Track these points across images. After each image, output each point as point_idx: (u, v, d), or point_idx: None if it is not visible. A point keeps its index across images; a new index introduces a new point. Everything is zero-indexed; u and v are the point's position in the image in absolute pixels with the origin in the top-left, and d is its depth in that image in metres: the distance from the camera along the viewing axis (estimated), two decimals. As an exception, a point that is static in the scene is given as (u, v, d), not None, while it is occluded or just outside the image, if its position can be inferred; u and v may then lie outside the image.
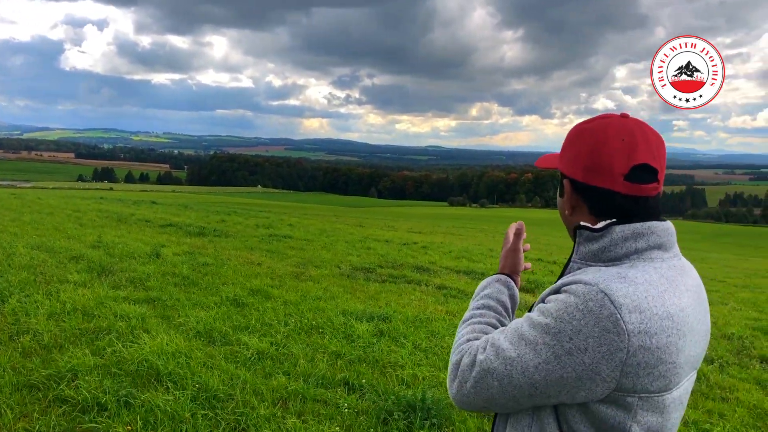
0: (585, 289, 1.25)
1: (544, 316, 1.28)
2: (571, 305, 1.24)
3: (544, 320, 1.27)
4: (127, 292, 7.37)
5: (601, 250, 1.33)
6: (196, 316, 6.43)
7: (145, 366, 4.71)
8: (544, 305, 1.31)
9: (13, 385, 4.26)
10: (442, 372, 5.33)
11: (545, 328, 1.26)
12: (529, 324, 1.30)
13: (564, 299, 1.26)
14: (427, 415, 4.26)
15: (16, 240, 10.90)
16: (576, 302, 1.24)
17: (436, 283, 10.34)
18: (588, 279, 1.27)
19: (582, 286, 1.26)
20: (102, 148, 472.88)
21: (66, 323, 5.77)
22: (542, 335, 1.26)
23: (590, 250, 1.35)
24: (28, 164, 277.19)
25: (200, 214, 23.56)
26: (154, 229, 16.15)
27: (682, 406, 1.35)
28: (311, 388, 4.66)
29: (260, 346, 5.55)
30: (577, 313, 1.22)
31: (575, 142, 1.40)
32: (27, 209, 19.18)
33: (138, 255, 10.21)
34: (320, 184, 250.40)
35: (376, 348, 5.84)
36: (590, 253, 1.35)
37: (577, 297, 1.24)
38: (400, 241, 18.92)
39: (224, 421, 3.95)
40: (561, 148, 1.45)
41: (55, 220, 15.95)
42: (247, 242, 14.41)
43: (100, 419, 3.80)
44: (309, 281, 9.44)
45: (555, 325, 1.24)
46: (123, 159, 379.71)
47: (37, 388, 4.26)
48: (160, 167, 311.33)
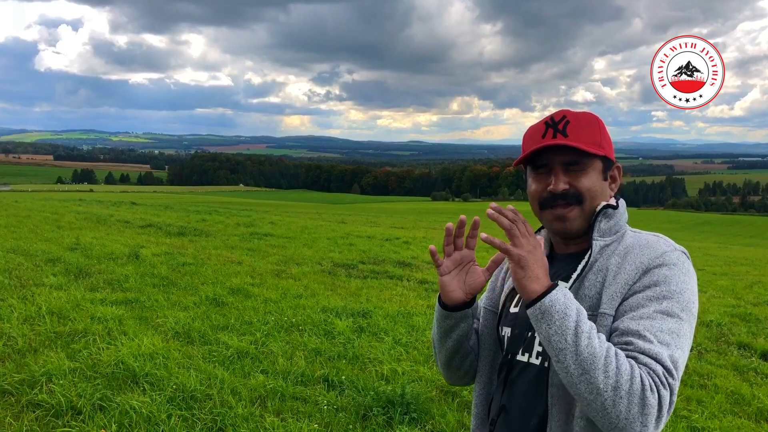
0: (674, 256, 1.41)
1: (667, 299, 1.34)
2: (678, 274, 1.37)
3: (673, 302, 1.33)
4: (105, 294, 7.28)
5: (615, 223, 1.50)
6: (175, 316, 6.37)
7: (122, 368, 4.65)
8: (658, 289, 1.35)
9: (-14, 391, 4.18)
10: (422, 366, 5.33)
11: (679, 306, 1.34)
12: (663, 316, 1.32)
13: (669, 273, 1.37)
14: (406, 409, 4.25)
15: (-9, 244, 10.72)
16: (679, 270, 1.38)
17: (418, 278, 10.35)
18: (665, 246, 1.43)
19: (669, 254, 1.40)
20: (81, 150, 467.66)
21: (41, 327, 5.67)
22: (680, 315, 1.33)
23: (609, 225, 1.50)
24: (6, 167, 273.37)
25: (181, 214, 23.37)
26: (134, 230, 15.99)
27: None
28: (290, 385, 4.63)
29: (240, 345, 5.51)
30: (686, 277, 1.38)
31: (603, 130, 1.53)
32: (3, 212, 18.88)
33: (116, 256, 10.09)
34: (302, 182, 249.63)
35: (356, 344, 5.82)
36: (608, 228, 1.50)
37: (676, 266, 1.38)
38: (382, 236, 18.91)
39: (201, 421, 3.91)
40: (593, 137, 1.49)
41: (32, 223, 15.72)
42: (227, 241, 14.31)
43: (74, 423, 3.74)
44: (290, 279, 9.40)
45: (683, 298, 1.35)
46: (103, 160, 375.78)
47: (10, 394, 4.18)
48: (141, 168, 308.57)
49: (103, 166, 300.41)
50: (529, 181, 1.56)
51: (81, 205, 26.27)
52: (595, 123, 1.50)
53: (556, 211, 1.48)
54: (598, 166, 1.50)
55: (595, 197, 1.49)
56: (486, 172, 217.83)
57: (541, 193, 1.50)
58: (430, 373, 5.14)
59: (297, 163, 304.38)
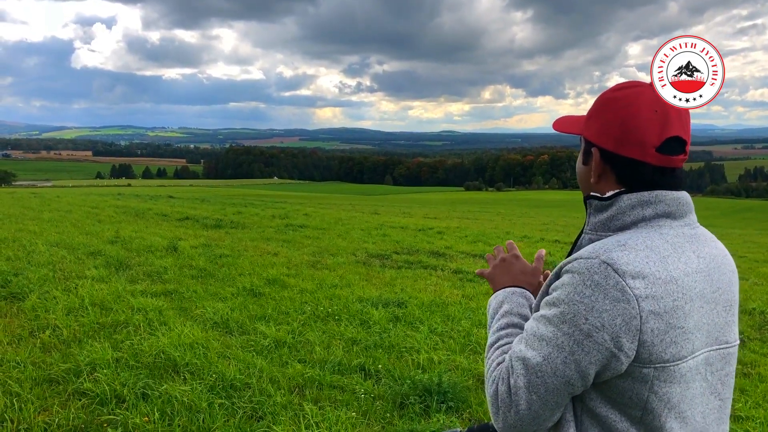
0: (586, 264, 1.24)
1: (555, 306, 1.26)
2: (577, 284, 1.23)
3: (557, 310, 1.25)
4: (144, 286, 7.44)
5: (609, 218, 1.34)
6: (213, 307, 6.47)
7: (163, 358, 4.75)
8: (551, 296, 1.29)
9: (34, 379, 4.31)
10: (458, 355, 5.32)
11: (560, 317, 1.24)
12: (544, 321, 1.27)
13: (568, 281, 1.25)
14: (443, 398, 4.25)
15: (36, 238, 11.03)
16: (581, 280, 1.23)
17: (452, 268, 10.31)
18: (586, 253, 1.26)
19: (582, 261, 1.25)
20: (119, 145, 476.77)
21: (84, 318, 5.83)
22: (559, 326, 1.24)
23: (600, 219, 1.36)
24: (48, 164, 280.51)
25: (217, 207, 23.69)
26: (171, 222, 16.27)
27: (703, 378, 1.30)
28: (327, 374, 4.67)
29: (277, 335, 5.57)
30: (586, 290, 1.21)
31: (606, 110, 1.38)
32: (46, 208, 19.40)
33: (155, 249, 10.28)
34: (335, 174, 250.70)
35: (391, 333, 5.83)
36: (600, 222, 1.36)
37: (580, 274, 1.23)
38: (415, 227, 18.89)
39: (241, 409, 3.97)
40: (588, 114, 1.43)
41: (74, 217, 16.11)
42: (263, 233, 14.46)
43: (118, 411, 3.84)
44: (325, 269, 9.46)
45: (568, 310, 1.23)
46: (140, 155, 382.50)
47: (56, 382, 4.31)
48: (177, 162, 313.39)
49: (141, 161, 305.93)
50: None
51: (120, 199, 26.82)
52: (599, 100, 1.42)
53: None
54: (582, 148, 1.44)
55: (582, 183, 1.45)
56: (520, 161, 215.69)
57: None
58: (467, 362, 5.14)
59: (330, 155, 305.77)
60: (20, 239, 10.73)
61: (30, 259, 8.80)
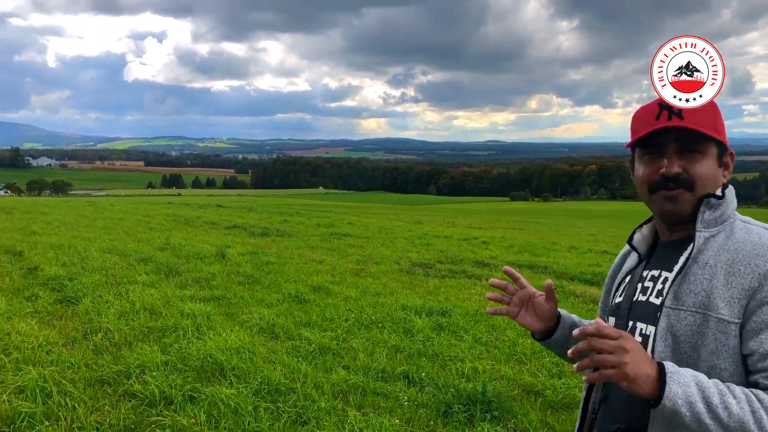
0: None
1: None
2: None
3: None
4: (193, 291, 7.59)
5: (721, 213, 1.43)
6: (260, 312, 6.55)
7: (210, 361, 4.83)
8: None
9: (86, 380, 4.44)
10: (503, 365, 5.25)
11: None
12: None
13: None
14: (488, 407, 4.20)
15: (90, 244, 11.39)
16: None
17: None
18: None
19: None
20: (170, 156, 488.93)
21: (135, 322, 5.98)
22: None
23: (713, 216, 1.42)
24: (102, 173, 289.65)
25: (264, 216, 24.05)
26: (220, 230, 16.58)
27: None
28: (371, 381, 4.67)
29: (322, 341, 5.61)
30: None
31: (719, 114, 1.45)
32: (100, 216, 20.03)
33: (204, 256, 10.50)
34: (380, 184, 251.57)
35: (435, 342, 5.80)
36: (713, 218, 1.42)
37: None
38: (459, 236, 18.79)
39: (286, 413, 4.00)
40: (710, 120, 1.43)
41: (126, 225, 16.59)
42: (308, 241, 14.61)
43: (166, 412, 3.92)
44: (368, 277, 9.49)
45: None
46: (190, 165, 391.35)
47: (108, 383, 4.43)
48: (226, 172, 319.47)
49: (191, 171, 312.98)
50: (637, 164, 1.51)
51: (170, 207, 27.49)
52: (713, 106, 1.43)
53: (668, 192, 1.43)
54: (713, 152, 1.43)
55: (707, 184, 1.43)
56: (567, 171, 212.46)
57: (651, 176, 1.45)
58: (512, 372, 5.07)
59: (374, 165, 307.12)
60: (75, 245, 11.10)
61: (84, 264, 9.09)
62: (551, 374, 5.10)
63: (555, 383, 4.82)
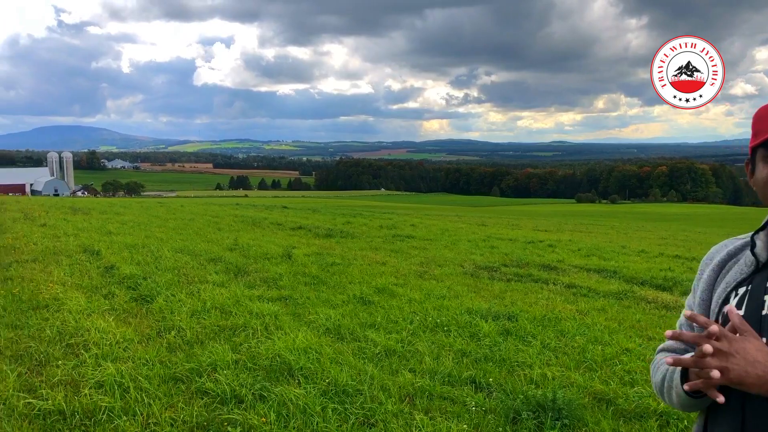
0: None
1: None
2: None
3: None
4: (261, 291, 7.74)
5: None
6: (326, 313, 6.62)
7: (278, 361, 4.91)
8: None
9: (161, 377, 4.58)
10: (573, 372, 5.13)
11: None
12: None
13: None
14: (558, 415, 4.10)
15: (163, 244, 11.79)
16: None
17: (565, 282, 9.98)
18: None
19: None
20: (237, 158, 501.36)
21: (206, 320, 6.14)
22: None
23: None
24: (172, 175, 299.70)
25: (327, 217, 24.35)
26: (286, 231, 16.88)
27: None
28: (437, 385, 4.64)
29: (387, 343, 5.61)
30: None
31: None
32: (171, 216, 20.72)
33: (271, 256, 10.70)
34: (441, 185, 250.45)
35: (502, 347, 5.72)
36: None
37: None
38: (524, 239, 18.49)
39: (353, 415, 4.02)
40: None
41: (196, 226, 17.10)
42: (371, 242, 14.69)
43: (237, 411, 4.00)
44: (432, 280, 9.45)
45: None
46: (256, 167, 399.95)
47: (181, 381, 4.56)
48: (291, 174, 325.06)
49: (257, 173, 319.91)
50: (760, 165, 1.42)
51: (237, 209, 28.19)
52: None
53: None
54: None
55: None
56: (636, 173, 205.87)
57: None
58: (582, 380, 4.93)
59: (436, 167, 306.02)
60: (149, 245, 11.51)
61: (157, 264, 9.41)
62: (623, 382, 4.94)
63: (627, 391, 4.67)
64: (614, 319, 7.31)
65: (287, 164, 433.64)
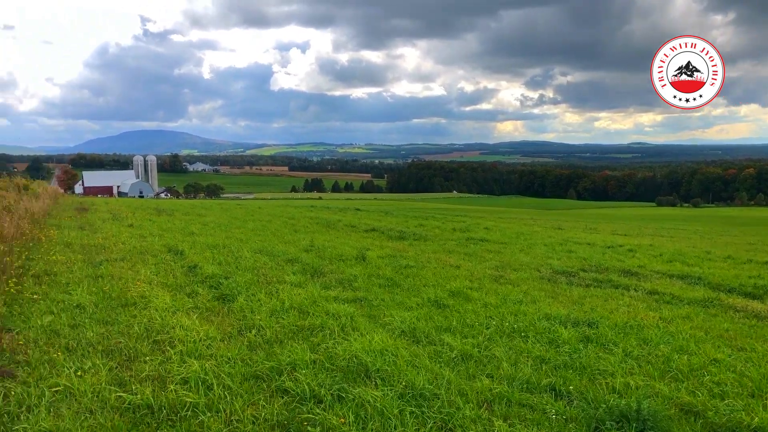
0: None
1: None
2: None
3: None
4: (337, 292, 7.84)
5: None
6: (401, 316, 6.63)
7: (355, 362, 4.95)
8: None
9: (242, 375, 4.71)
10: (657, 382, 4.94)
11: None
12: None
13: None
14: (642, 426, 3.96)
15: (242, 245, 12.14)
16: None
17: (647, 288, 9.61)
18: None
19: None
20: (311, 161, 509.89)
21: (285, 320, 6.27)
22: None
23: None
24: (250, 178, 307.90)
25: (400, 220, 24.41)
26: (359, 233, 17.04)
27: None
28: (516, 391, 4.56)
29: (463, 348, 5.57)
30: None
31: None
32: (250, 218, 21.29)
33: (345, 258, 10.83)
34: (515, 188, 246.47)
35: (582, 354, 5.56)
36: None
37: None
38: (603, 244, 17.95)
39: (431, 419, 4.01)
40: None
41: (273, 227, 17.51)
42: (444, 245, 14.61)
43: (316, 410, 4.06)
44: (508, 284, 9.31)
45: None
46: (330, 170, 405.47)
47: (261, 379, 4.68)
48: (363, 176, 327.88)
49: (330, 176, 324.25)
50: None
51: (312, 210, 28.68)
52: None
53: None
54: None
55: None
56: (720, 175, 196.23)
57: None
58: (667, 390, 4.74)
59: (510, 169, 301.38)
60: (229, 246, 11.87)
61: (238, 264, 9.69)
62: (712, 394, 4.71)
63: (717, 404, 4.45)
64: (700, 327, 6.99)
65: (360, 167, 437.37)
